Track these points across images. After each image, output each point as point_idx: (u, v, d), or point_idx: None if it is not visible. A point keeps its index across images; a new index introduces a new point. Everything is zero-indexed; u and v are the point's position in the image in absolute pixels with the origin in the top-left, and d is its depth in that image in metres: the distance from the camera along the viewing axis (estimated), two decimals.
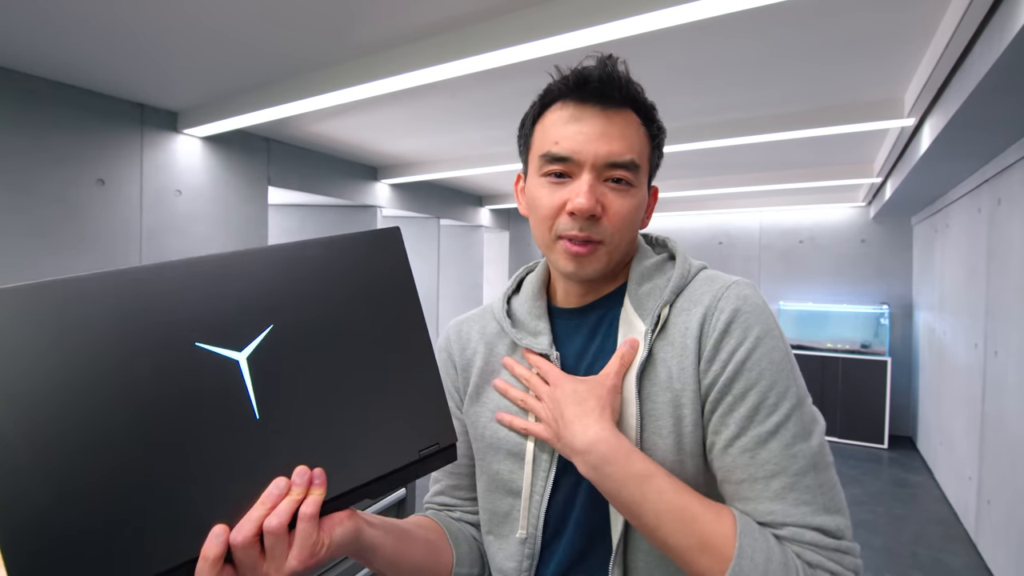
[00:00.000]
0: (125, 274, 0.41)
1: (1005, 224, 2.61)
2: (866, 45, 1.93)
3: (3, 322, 0.37)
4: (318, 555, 0.43)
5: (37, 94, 2.29)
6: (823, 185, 4.36)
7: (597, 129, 0.58)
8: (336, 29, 1.86)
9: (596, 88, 0.59)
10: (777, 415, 0.52)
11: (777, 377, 0.54)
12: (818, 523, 0.49)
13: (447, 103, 2.66)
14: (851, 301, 5.24)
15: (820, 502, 0.50)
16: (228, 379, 0.42)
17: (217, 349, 0.42)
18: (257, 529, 0.41)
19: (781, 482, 0.51)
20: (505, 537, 0.64)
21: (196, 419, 0.41)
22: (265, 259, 0.46)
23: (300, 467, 0.43)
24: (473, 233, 6.12)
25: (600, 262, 0.61)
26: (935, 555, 2.85)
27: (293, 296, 0.46)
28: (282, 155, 3.47)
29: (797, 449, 0.51)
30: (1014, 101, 1.84)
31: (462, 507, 0.73)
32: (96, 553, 0.37)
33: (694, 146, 3.00)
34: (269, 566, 0.41)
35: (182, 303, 0.42)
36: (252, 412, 0.43)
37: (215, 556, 0.39)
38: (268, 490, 0.42)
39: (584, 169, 0.58)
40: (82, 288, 0.40)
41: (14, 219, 2.23)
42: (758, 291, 0.59)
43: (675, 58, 2.07)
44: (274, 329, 0.45)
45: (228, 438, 0.42)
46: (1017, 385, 2.40)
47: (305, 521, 0.42)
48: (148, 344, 0.41)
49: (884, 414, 4.65)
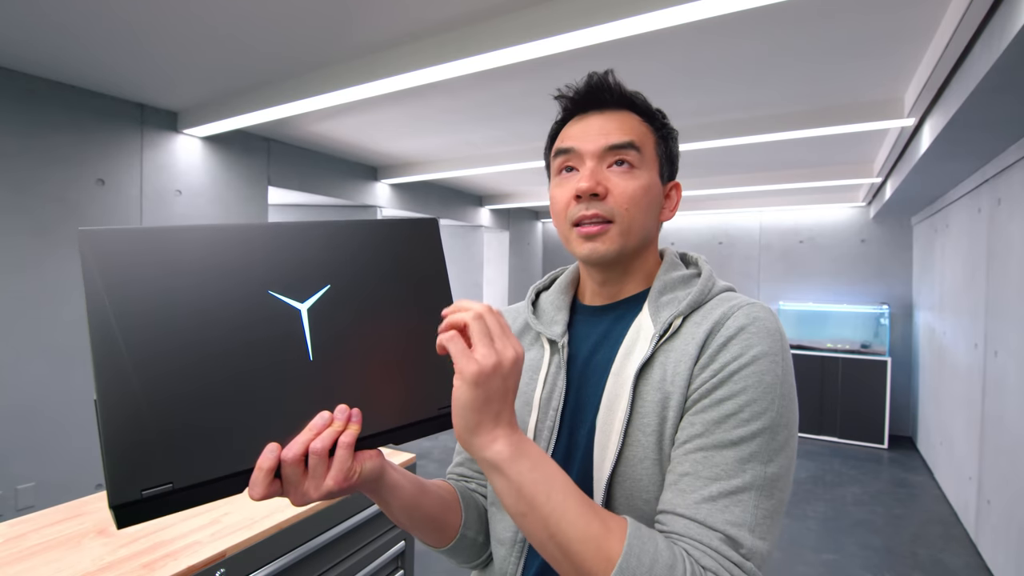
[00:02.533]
0: (220, 229, 0.50)
1: (1005, 224, 2.61)
2: (866, 45, 1.93)
3: (124, 256, 0.46)
4: (351, 480, 0.50)
5: (37, 94, 2.29)
6: (823, 185, 4.36)
7: (596, 124, 0.65)
8: (336, 29, 1.86)
9: (591, 96, 0.67)
10: (744, 430, 0.53)
11: (759, 396, 0.54)
12: (733, 534, 0.50)
13: (447, 103, 2.66)
14: (851, 301, 5.24)
15: (747, 520, 0.50)
16: (291, 324, 0.51)
17: (285, 299, 0.51)
18: (304, 450, 0.47)
19: (719, 487, 0.51)
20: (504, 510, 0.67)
21: (263, 354, 0.49)
22: (327, 231, 0.55)
23: (342, 405, 0.50)
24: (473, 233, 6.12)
25: (613, 242, 0.64)
26: (935, 555, 2.85)
27: (348, 264, 0.54)
28: (282, 155, 3.47)
29: (750, 467, 0.52)
30: (1014, 101, 1.84)
31: (477, 479, 0.79)
32: (177, 453, 0.44)
33: (694, 146, 3.00)
34: (310, 484, 0.48)
35: (261, 257, 0.51)
36: (307, 354, 0.51)
37: (268, 467, 0.46)
38: (314, 420, 0.49)
39: (586, 158, 0.64)
40: (184, 236, 0.48)
41: (14, 218, 2.23)
42: (775, 317, 0.59)
43: (675, 58, 2.08)
44: (330, 289, 0.53)
45: (286, 373, 0.50)
46: (1017, 385, 2.40)
47: (343, 448, 0.49)
48: (232, 288, 0.49)
49: (884, 414, 4.65)
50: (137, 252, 0.46)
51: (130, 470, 0.43)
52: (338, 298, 0.53)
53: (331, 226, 0.55)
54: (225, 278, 0.49)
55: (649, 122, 0.67)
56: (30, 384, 2.29)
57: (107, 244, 0.45)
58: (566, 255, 6.82)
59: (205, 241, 0.49)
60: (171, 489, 0.44)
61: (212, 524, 1.23)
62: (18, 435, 2.26)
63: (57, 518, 1.27)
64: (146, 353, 0.45)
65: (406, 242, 0.58)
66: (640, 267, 0.69)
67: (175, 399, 0.45)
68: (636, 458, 0.58)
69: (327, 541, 1.41)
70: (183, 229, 0.48)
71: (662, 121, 0.68)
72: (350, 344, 0.53)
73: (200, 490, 0.45)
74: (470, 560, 0.73)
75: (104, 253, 0.45)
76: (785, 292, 5.53)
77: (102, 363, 0.43)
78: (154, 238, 0.47)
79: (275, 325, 0.50)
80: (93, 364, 0.43)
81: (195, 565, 1.08)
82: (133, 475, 0.43)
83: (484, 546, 0.73)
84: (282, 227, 0.53)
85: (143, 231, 0.47)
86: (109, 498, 0.42)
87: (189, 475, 0.45)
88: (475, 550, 0.72)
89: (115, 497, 0.42)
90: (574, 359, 0.69)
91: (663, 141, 0.68)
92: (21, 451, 2.27)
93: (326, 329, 0.52)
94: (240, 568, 1.18)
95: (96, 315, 0.44)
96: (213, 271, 0.48)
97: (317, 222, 0.55)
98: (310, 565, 1.37)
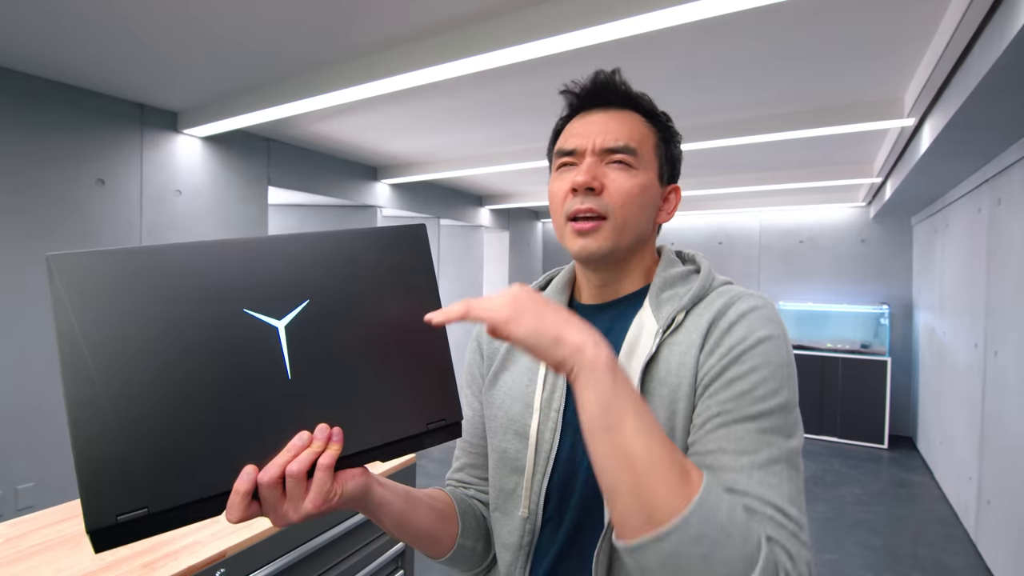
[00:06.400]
0: (194, 247, 0.49)
1: (1005, 224, 2.61)
2: (866, 45, 1.93)
3: (94, 280, 0.45)
4: (330, 503, 0.48)
5: (37, 94, 2.29)
6: (823, 185, 4.36)
7: (597, 126, 0.65)
8: (336, 29, 1.86)
9: (597, 94, 0.66)
10: (761, 405, 0.52)
11: (771, 375, 0.54)
12: (780, 504, 0.48)
13: (447, 103, 2.66)
14: (851, 301, 5.24)
15: (785, 490, 0.49)
16: (268, 342, 0.49)
17: (262, 316, 0.49)
18: (281, 472, 0.46)
19: (750, 460, 0.50)
20: (509, 514, 0.68)
21: (239, 374, 0.48)
22: (307, 244, 0.53)
23: (322, 424, 0.49)
24: (473, 233, 6.12)
25: (606, 239, 0.63)
26: (935, 555, 2.85)
27: (328, 278, 0.53)
28: (282, 155, 3.47)
29: (772, 439, 0.51)
30: (1014, 101, 1.84)
31: (476, 486, 0.77)
32: (151, 478, 0.44)
33: (694, 146, 3.00)
34: (288, 506, 0.47)
35: (237, 275, 0.50)
36: (285, 373, 0.49)
37: (245, 491, 0.45)
38: (293, 440, 0.48)
39: (586, 154, 0.64)
40: (157, 256, 0.48)
41: (14, 219, 2.23)
42: (774, 307, 0.60)
43: (675, 58, 2.07)
44: (309, 304, 0.51)
45: (264, 393, 0.48)
46: (1017, 385, 2.40)
47: (322, 471, 0.47)
48: (206, 307, 0.48)
49: (884, 414, 4.65)
50: (107, 275, 0.46)
51: (104, 495, 0.43)
52: (318, 313, 0.51)
53: (311, 238, 0.53)
54: (199, 298, 0.48)
55: (653, 123, 0.67)
56: (30, 384, 2.29)
57: (75, 268, 0.45)
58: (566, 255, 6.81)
59: (179, 261, 0.48)
60: (146, 514, 0.44)
61: (212, 524, 1.23)
62: (18, 435, 2.26)
63: (57, 518, 1.27)
64: (118, 378, 0.44)
65: (391, 251, 0.56)
66: (638, 265, 0.69)
67: (148, 423, 0.45)
68: None
69: (327, 541, 1.41)
70: (155, 249, 0.48)
71: (666, 124, 0.68)
72: (331, 360, 0.51)
73: (176, 514, 0.45)
74: (471, 568, 0.72)
75: (73, 278, 0.44)
76: (785, 292, 5.53)
77: (73, 389, 0.43)
78: (125, 260, 0.47)
79: (252, 344, 0.48)
80: (63, 391, 0.43)
81: (195, 565, 1.08)
82: (108, 500, 0.43)
83: (484, 554, 0.72)
84: (259, 242, 0.51)
85: (114, 253, 0.46)
86: (85, 523, 0.42)
87: (164, 499, 0.44)
88: (475, 558, 0.71)
89: (91, 523, 0.42)
90: None
91: (664, 144, 0.68)
92: (21, 451, 2.27)
93: (305, 345, 0.50)
94: (240, 568, 1.18)
95: (66, 340, 0.43)
96: (187, 291, 0.47)
97: (296, 235, 0.53)
98: (310, 565, 1.37)
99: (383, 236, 0.56)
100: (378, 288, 0.54)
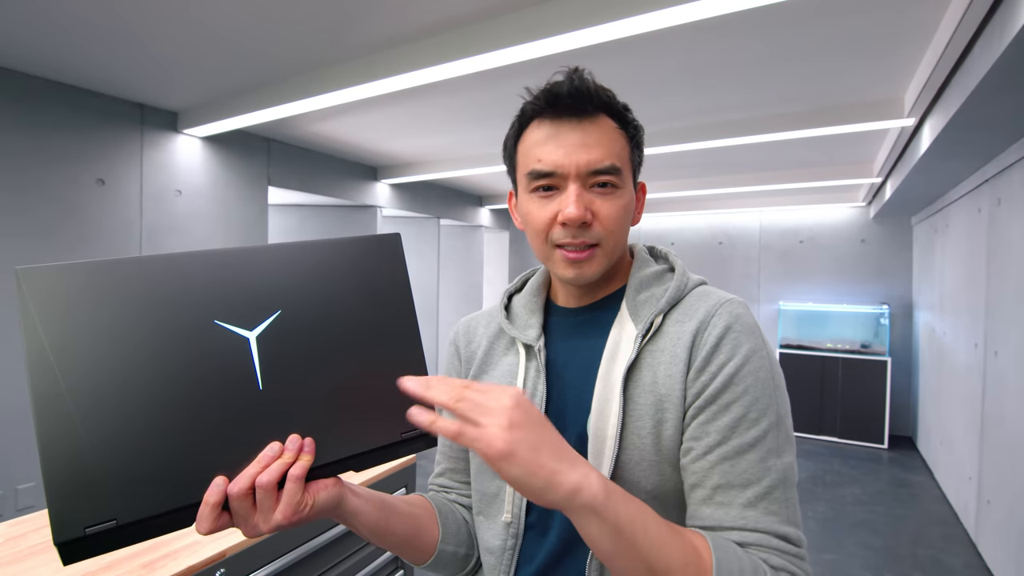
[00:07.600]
0: (164, 259, 0.49)
1: (1005, 224, 2.61)
2: (866, 45, 1.93)
3: (63, 294, 0.45)
4: (302, 514, 0.48)
5: (37, 94, 2.29)
6: (823, 185, 4.36)
7: (575, 141, 0.61)
8: (336, 29, 1.86)
9: (568, 103, 0.61)
10: (757, 429, 0.55)
11: (761, 394, 0.56)
12: (783, 532, 0.53)
13: (447, 103, 2.66)
14: (851, 301, 5.24)
15: (785, 514, 0.54)
16: (239, 353, 0.49)
17: (232, 327, 0.49)
18: (251, 484, 0.46)
19: (754, 491, 0.54)
20: (492, 518, 0.68)
21: (209, 385, 0.48)
22: (279, 254, 0.53)
23: (293, 435, 0.49)
24: (473, 233, 6.12)
25: (599, 264, 0.63)
26: (935, 555, 2.85)
27: (300, 288, 0.52)
28: (282, 155, 3.47)
29: (771, 463, 0.55)
30: (1014, 101, 1.84)
31: (458, 490, 0.77)
32: (120, 490, 0.44)
33: (694, 146, 3.00)
34: (259, 517, 0.47)
35: (207, 286, 0.49)
36: (257, 383, 0.49)
37: (215, 502, 0.45)
38: (263, 452, 0.48)
39: (569, 180, 0.61)
40: (126, 268, 0.48)
41: (14, 219, 2.23)
42: (750, 311, 0.62)
43: (675, 58, 2.07)
44: (281, 315, 0.51)
45: (234, 404, 0.48)
46: (1017, 385, 2.40)
47: (292, 482, 0.47)
48: (176, 318, 0.48)
49: (884, 414, 4.65)
50: (76, 288, 0.46)
51: (72, 507, 0.43)
52: (290, 323, 0.51)
53: (283, 249, 0.53)
54: (169, 310, 0.48)
55: (623, 127, 0.64)
56: None
57: (44, 282, 0.45)
58: None
59: (148, 273, 0.48)
60: (115, 526, 0.44)
61: None
62: (18, 435, 2.26)
63: None
64: (86, 390, 0.44)
65: (365, 261, 0.56)
66: (615, 269, 0.68)
67: (117, 435, 0.45)
68: (633, 461, 0.59)
69: (327, 541, 1.41)
70: (125, 262, 0.48)
71: (633, 123, 0.65)
72: (303, 370, 0.51)
73: (146, 525, 0.45)
74: (454, 573, 0.72)
75: (40, 291, 0.45)
76: (785, 292, 5.53)
77: (41, 402, 0.43)
78: (94, 273, 0.47)
79: (222, 355, 0.48)
80: (31, 403, 0.43)
81: (195, 565, 1.08)
82: (75, 512, 0.43)
83: (467, 558, 0.72)
84: (230, 253, 0.51)
85: (83, 266, 0.46)
86: (53, 536, 0.42)
87: (133, 511, 0.44)
88: (457, 563, 0.71)
89: (58, 535, 0.42)
90: (552, 363, 0.67)
91: (636, 149, 0.66)
92: (21, 451, 2.27)
93: (277, 356, 0.50)
94: (240, 568, 1.18)
95: (34, 353, 0.44)
96: (156, 303, 0.48)
97: (268, 245, 0.53)
98: (310, 565, 1.37)
99: (357, 246, 0.56)
100: (351, 298, 0.54)
